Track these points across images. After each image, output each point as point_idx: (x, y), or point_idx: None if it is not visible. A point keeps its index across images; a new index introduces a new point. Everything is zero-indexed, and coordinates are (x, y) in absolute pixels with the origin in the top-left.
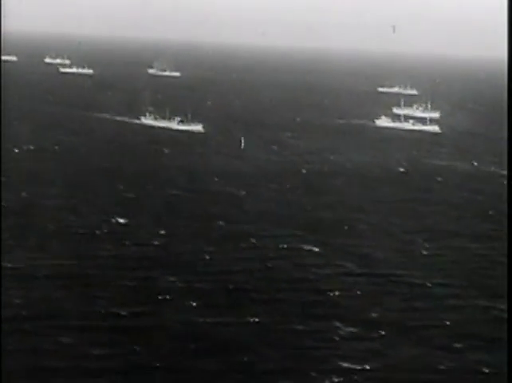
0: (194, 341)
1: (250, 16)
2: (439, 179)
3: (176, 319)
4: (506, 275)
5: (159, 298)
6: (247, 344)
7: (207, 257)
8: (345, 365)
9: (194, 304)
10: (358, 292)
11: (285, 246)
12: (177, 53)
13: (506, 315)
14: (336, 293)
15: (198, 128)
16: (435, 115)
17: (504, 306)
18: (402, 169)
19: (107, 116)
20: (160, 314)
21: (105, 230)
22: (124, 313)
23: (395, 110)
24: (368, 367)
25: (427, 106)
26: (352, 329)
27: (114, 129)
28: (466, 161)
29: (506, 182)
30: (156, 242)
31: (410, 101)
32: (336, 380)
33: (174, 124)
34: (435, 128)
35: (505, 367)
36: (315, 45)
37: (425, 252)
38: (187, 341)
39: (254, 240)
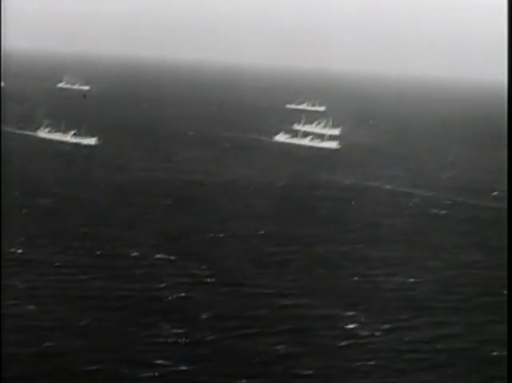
0: None
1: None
2: (319, 192)
3: None
4: (506, 274)
5: None
6: None
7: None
8: None
9: None
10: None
11: (137, 254)
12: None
13: None
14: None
15: (91, 141)
16: (336, 131)
17: None
18: (281, 183)
19: (9, 129)
20: None
21: None
22: None
23: (296, 126)
24: None
25: (327, 123)
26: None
27: (7, 142)
28: (354, 176)
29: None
30: None
31: (313, 118)
32: None
33: (68, 137)
34: (333, 144)
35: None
36: (233, 60)
37: (277, 258)
38: None
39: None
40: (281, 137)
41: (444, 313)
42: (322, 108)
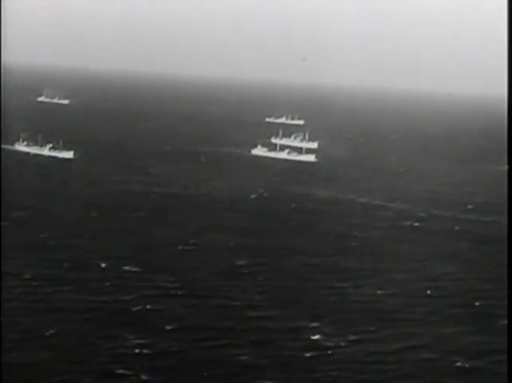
0: None
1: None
2: (293, 205)
3: None
4: (505, 275)
5: None
6: None
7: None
8: None
9: None
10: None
11: (105, 265)
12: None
13: None
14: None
15: (68, 154)
16: (313, 145)
17: None
18: (254, 195)
19: None
20: None
21: None
22: None
23: (273, 140)
24: None
25: (305, 136)
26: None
27: None
28: (330, 189)
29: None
30: None
31: (292, 131)
32: None
33: (45, 151)
34: (311, 158)
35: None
36: (218, 74)
37: (246, 270)
38: None
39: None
40: (259, 151)
41: (412, 324)
42: (301, 122)
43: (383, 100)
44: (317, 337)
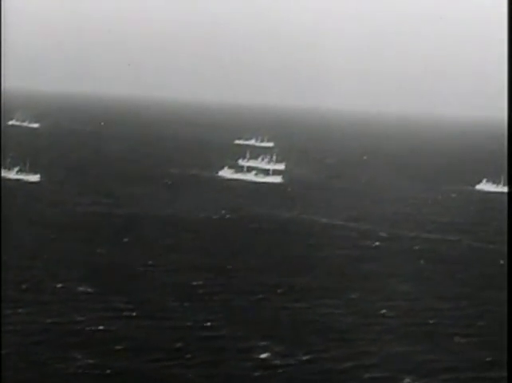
0: None
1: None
2: (255, 225)
3: None
4: (505, 274)
5: None
6: None
7: None
8: None
9: None
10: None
11: (61, 285)
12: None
13: None
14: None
15: (34, 177)
16: (281, 166)
17: None
18: (216, 217)
19: None
20: None
21: None
22: None
23: (241, 161)
24: None
25: (272, 158)
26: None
27: None
28: (293, 210)
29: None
30: None
31: (261, 153)
32: None
33: (12, 174)
34: (277, 179)
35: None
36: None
37: (201, 291)
38: None
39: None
40: (226, 172)
41: (365, 343)
42: (271, 144)
43: (359, 122)
44: (266, 356)
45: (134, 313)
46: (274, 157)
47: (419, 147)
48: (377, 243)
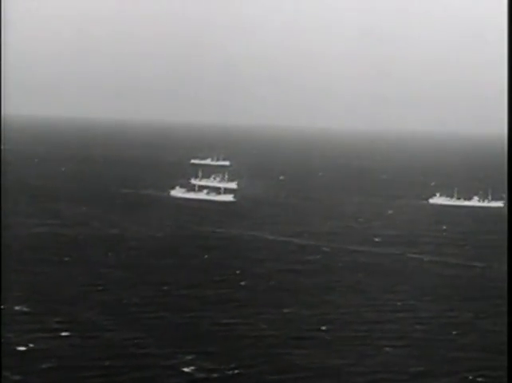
0: None
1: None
2: (199, 242)
3: None
4: (505, 275)
5: None
6: None
7: None
8: None
9: None
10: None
11: None
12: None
13: None
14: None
15: None
16: (233, 185)
17: None
18: (161, 234)
19: None
20: None
21: None
22: None
23: (193, 181)
24: None
25: (224, 177)
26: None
27: None
28: (239, 227)
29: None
30: None
31: (217, 172)
32: None
33: None
34: (229, 197)
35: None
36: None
37: (138, 308)
38: None
39: None
40: (178, 192)
41: (295, 358)
42: (227, 163)
43: (323, 139)
44: (193, 370)
45: (67, 332)
46: (226, 176)
47: (382, 163)
48: (318, 257)
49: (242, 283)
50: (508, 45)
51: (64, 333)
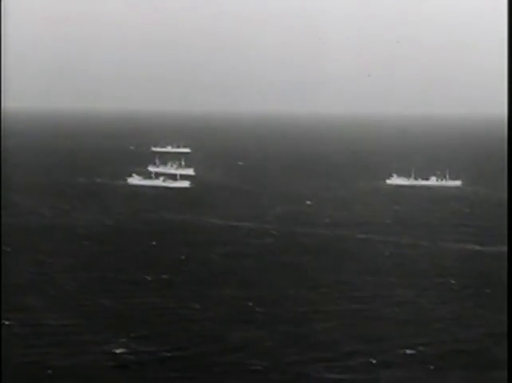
0: None
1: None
2: (146, 228)
3: None
4: (506, 274)
5: None
6: None
7: None
8: None
9: None
10: None
11: None
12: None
13: None
14: None
15: None
16: (189, 171)
17: None
18: (111, 222)
19: None
20: None
21: None
22: None
23: (150, 168)
24: None
25: (181, 163)
26: None
27: None
28: (189, 212)
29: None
30: None
31: (174, 159)
32: None
33: None
34: (185, 184)
35: None
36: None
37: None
38: None
39: None
40: (134, 179)
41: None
42: (187, 150)
43: (283, 124)
44: (125, 352)
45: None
46: (183, 163)
47: (345, 146)
48: (265, 241)
49: (185, 268)
50: (508, 45)
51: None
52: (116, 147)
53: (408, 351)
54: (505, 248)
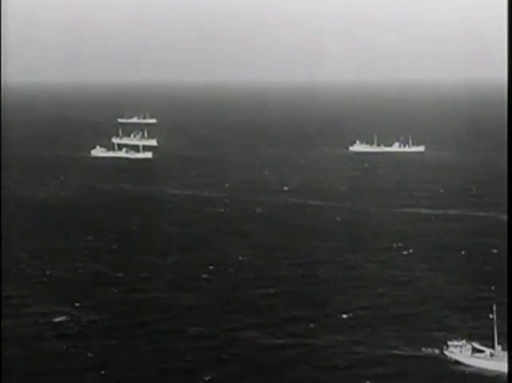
0: None
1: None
2: (99, 199)
3: None
4: (506, 274)
5: None
6: None
7: None
8: None
9: None
10: None
11: None
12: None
13: None
14: None
15: None
16: (153, 142)
17: None
18: (66, 194)
19: None
20: None
21: None
22: None
23: (114, 139)
24: None
25: (144, 134)
26: None
27: None
28: (147, 183)
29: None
30: None
31: (140, 130)
32: None
33: None
34: (148, 155)
35: None
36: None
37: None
38: None
39: None
40: (98, 151)
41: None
42: (154, 121)
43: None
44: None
45: None
46: (146, 134)
47: (312, 115)
48: (217, 209)
49: (135, 237)
50: (508, 45)
51: None
52: (81, 119)
53: (345, 315)
54: (455, 211)
